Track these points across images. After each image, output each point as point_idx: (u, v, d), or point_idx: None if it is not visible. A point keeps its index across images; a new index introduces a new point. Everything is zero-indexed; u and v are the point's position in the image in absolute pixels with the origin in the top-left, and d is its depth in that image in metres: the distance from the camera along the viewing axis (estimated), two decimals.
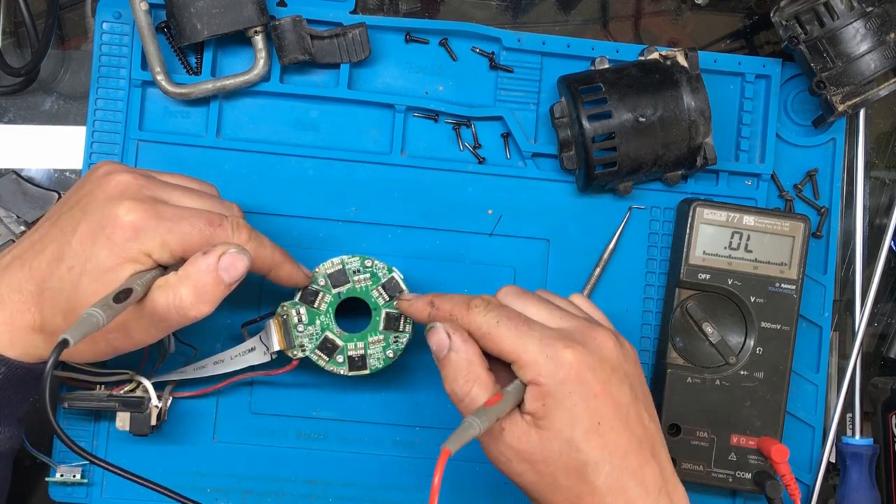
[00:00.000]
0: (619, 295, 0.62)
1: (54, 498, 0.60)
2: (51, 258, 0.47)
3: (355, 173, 0.62)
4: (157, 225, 0.46)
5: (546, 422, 0.45)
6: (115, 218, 0.46)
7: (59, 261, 0.46)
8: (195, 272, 0.46)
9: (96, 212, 0.46)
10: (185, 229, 0.47)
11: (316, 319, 0.55)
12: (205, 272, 0.45)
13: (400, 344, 0.56)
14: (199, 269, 0.46)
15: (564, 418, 0.45)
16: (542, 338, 0.46)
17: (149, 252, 0.46)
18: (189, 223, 0.47)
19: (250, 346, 0.57)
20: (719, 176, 0.63)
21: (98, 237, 0.46)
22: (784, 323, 0.59)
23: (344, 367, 0.56)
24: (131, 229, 0.46)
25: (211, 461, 0.61)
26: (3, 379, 0.47)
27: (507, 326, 0.46)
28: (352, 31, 0.60)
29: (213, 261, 0.46)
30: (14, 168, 0.62)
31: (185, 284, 0.45)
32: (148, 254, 0.46)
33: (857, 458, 0.62)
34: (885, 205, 0.66)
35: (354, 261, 0.55)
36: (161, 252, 0.46)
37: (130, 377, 0.57)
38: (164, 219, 0.46)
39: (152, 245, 0.46)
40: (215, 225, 0.47)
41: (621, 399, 0.46)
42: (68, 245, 0.46)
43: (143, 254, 0.46)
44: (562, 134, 0.60)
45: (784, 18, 0.59)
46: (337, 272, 0.55)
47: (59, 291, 0.46)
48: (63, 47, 0.63)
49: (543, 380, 0.45)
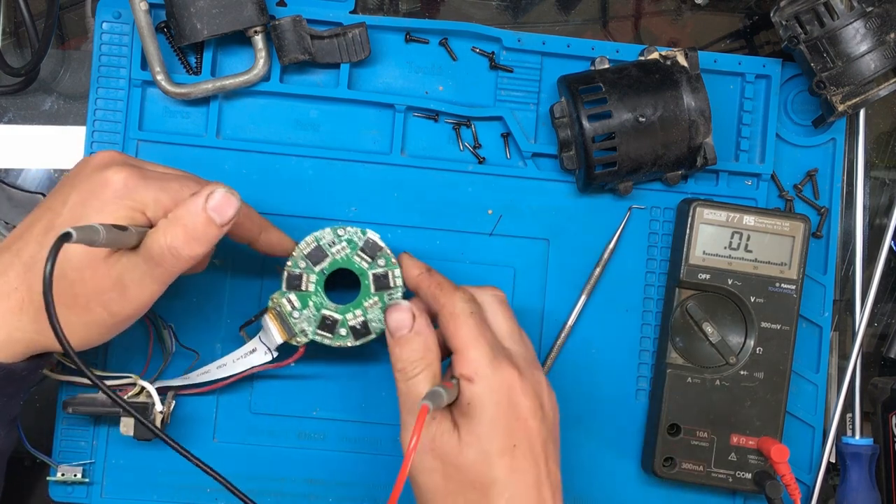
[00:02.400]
0: (619, 295, 0.62)
1: (54, 497, 0.60)
2: (39, 232, 0.46)
3: (355, 173, 0.62)
4: (149, 182, 0.46)
5: (468, 426, 0.46)
6: (105, 180, 0.46)
7: (49, 231, 0.46)
8: (185, 213, 0.45)
9: (85, 182, 0.46)
10: (176, 187, 0.47)
11: (308, 301, 0.55)
12: (195, 212, 0.45)
13: (396, 300, 0.56)
14: (189, 209, 0.45)
15: (485, 427, 0.46)
16: (493, 345, 0.48)
17: (142, 208, 0.46)
18: (179, 182, 0.47)
19: (251, 347, 0.57)
20: (719, 176, 0.63)
21: (89, 201, 0.46)
22: (784, 323, 0.59)
23: (349, 338, 0.55)
24: (122, 186, 0.46)
25: (211, 461, 0.60)
26: None
27: (476, 321, 0.48)
28: (352, 31, 0.60)
29: (202, 200, 0.45)
30: (14, 168, 0.62)
31: (175, 225, 0.45)
32: (141, 210, 0.46)
33: (857, 458, 0.62)
34: (885, 205, 0.66)
35: (326, 233, 0.55)
36: (154, 208, 0.46)
37: (134, 381, 0.57)
38: (153, 178, 0.47)
39: (145, 199, 0.46)
40: (204, 184, 0.47)
41: (540, 435, 0.47)
42: (58, 216, 0.46)
43: (135, 210, 0.46)
44: (562, 134, 0.60)
45: (784, 18, 0.59)
46: (314, 250, 0.55)
47: None
48: (63, 47, 0.63)
49: (477, 379, 0.46)
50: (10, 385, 0.48)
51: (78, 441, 0.60)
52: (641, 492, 0.62)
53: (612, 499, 0.62)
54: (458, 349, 0.47)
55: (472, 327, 0.48)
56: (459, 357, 0.47)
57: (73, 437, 0.60)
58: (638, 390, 0.63)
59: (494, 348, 0.48)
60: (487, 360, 0.47)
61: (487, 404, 0.46)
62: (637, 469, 0.62)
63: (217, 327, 0.60)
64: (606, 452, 0.62)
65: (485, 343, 0.47)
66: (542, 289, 0.62)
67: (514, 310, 0.62)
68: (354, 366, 0.61)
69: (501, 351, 0.48)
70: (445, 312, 0.49)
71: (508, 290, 0.62)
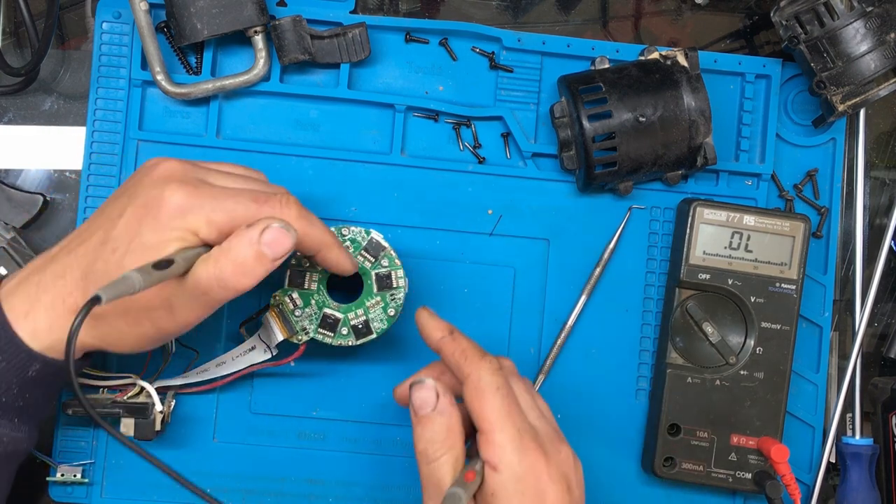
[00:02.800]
0: (619, 295, 0.62)
1: (54, 498, 0.60)
2: (96, 243, 0.47)
3: (355, 173, 0.62)
4: (203, 203, 0.46)
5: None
6: (161, 199, 0.46)
7: (105, 243, 0.46)
8: (237, 245, 0.45)
9: (142, 195, 0.47)
10: (230, 206, 0.46)
11: (310, 300, 0.55)
12: (246, 245, 0.45)
13: (398, 300, 0.56)
14: (242, 242, 0.45)
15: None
16: (520, 427, 0.45)
17: (195, 230, 0.46)
18: (234, 200, 0.47)
19: (250, 345, 0.57)
20: (719, 176, 0.63)
21: (144, 218, 0.46)
22: (784, 323, 0.59)
23: (350, 337, 0.56)
24: (176, 208, 0.46)
25: (211, 461, 0.61)
26: (37, 376, 0.48)
27: (503, 397, 0.46)
28: (352, 31, 0.60)
29: (256, 234, 0.45)
30: (14, 168, 0.62)
31: (226, 257, 0.45)
32: (194, 232, 0.46)
33: (857, 458, 0.62)
34: (885, 205, 0.66)
35: None
36: (208, 230, 0.46)
37: (134, 381, 0.57)
38: (208, 197, 0.46)
39: (198, 223, 0.46)
40: (261, 201, 0.47)
41: None
42: (114, 228, 0.47)
43: (188, 232, 0.46)
44: (562, 134, 0.60)
45: (784, 18, 0.59)
46: None
47: (104, 273, 0.46)
48: (63, 47, 0.63)
49: (502, 468, 0.44)
50: (57, 380, 0.49)
51: (78, 441, 0.60)
52: (641, 492, 0.62)
53: (612, 499, 0.62)
54: (484, 430, 0.45)
55: (498, 406, 0.45)
56: (485, 439, 0.45)
57: (73, 437, 0.60)
58: (638, 390, 0.63)
59: (521, 430, 0.45)
60: (514, 445, 0.45)
61: (513, 496, 0.44)
62: (637, 469, 0.62)
63: (217, 326, 0.60)
64: (606, 452, 0.62)
65: (511, 425, 0.45)
66: (542, 289, 0.62)
67: (514, 310, 0.62)
68: (355, 366, 0.61)
69: (528, 432, 0.46)
70: (471, 385, 0.46)
71: (508, 290, 0.62)
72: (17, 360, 0.47)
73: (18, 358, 0.47)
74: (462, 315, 0.62)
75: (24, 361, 0.47)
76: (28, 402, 0.49)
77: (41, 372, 0.48)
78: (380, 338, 0.56)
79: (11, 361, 0.47)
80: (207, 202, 0.46)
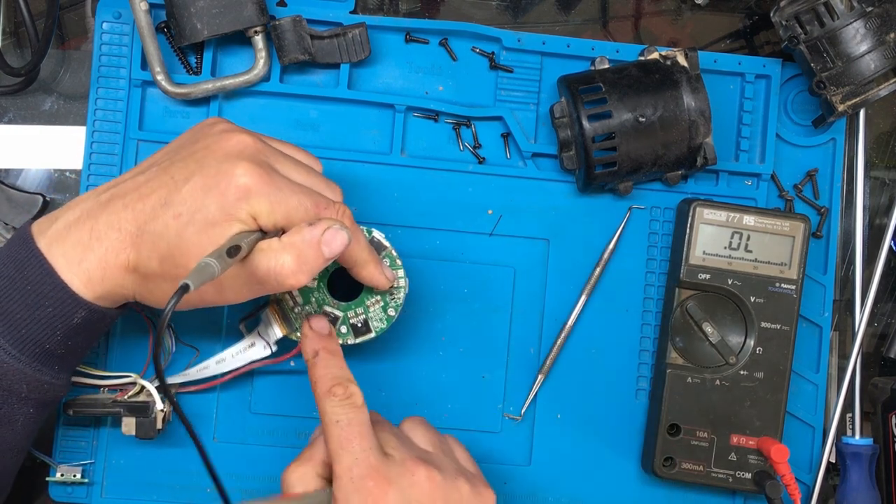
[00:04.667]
0: (619, 295, 0.63)
1: (54, 498, 0.60)
2: (156, 203, 0.47)
3: (355, 173, 0.62)
4: (270, 192, 0.46)
5: None
6: (231, 176, 0.46)
7: (166, 206, 0.46)
8: (300, 241, 0.46)
9: (213, 166, 0.47)
10: (294, 203, 0.47)
11: (310, 297, 0.55)
12: (309, 242, 0.46)
13: (398, 300, 0.56)
14: (305, 238, 0.46)
15: None
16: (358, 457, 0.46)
17: (256, 215, 0.46)
18: (298, 199, 0.47)
19: (250, 342, 0.57)
20: (719, 176, 0.63)
21: (211, 191, 0.46)
22: (784, 323, 0.59)
23: (349, 335, 0.56)
24: (244, 190, 0.46)
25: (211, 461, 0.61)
26: (82, 322, 0.48)
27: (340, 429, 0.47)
28: (352, 31, 0.60)
29: (319, 233, 0.46)
30: (14, 168, 0.62)
31: (288, 252, 0.46)
32: (255, 216, 0.46)
33: (857, 458, 0.62)
34: (885, 205, 0.66)
35: None
36: (267, 218, 0.46)
37: (134, 381, 0.57)
38: (276, 188, 0.47)
39: (260, 209, 0.46)
40: (321, 207, 0.48)
41: None
42: (178, 192, 0.46)
43: (250, 215, 0.46)
44: (562, 134, 0.60)
45: (784, 18, 0.59)
46: None
47: (161, 237, 0.46)
48: (63, 47, 0.63)
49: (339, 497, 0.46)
50: (100, 328, 0.50)
51: (78, 441, 0.60)
52: (641, 492, 0.62)
53: (612, 499, 0.62)
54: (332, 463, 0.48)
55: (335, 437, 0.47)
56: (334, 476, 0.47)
57: (74, 437, 0.60)
58: (638, 390, 0.63)
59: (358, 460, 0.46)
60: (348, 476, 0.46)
61: None
62: (637, 469, 0.62)
63: (218, 323, 0.60)
64: (606, 452, 0.62)
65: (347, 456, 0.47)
66: (542, 289, 0.62)
67: (514, 310, 0.62)
68: (354, 365, 0.61)
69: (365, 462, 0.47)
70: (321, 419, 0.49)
71: (508, 290, 0.62)
72: (64, 308, 0.47)
73: (65, 305, 0.47)
74: (462, 315, 0.62)
75: (70, 308, 0.47)
76: (69, 350, 0.49)
77: (86, 319, 0.48)
78: (378, 337, 0.56)
79: (58, 308, 0.47)
80: (274, 192, 0.47)
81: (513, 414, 0.62)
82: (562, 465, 0.62)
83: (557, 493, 0.62)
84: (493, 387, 0.62)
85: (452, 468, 0.49)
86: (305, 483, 0.48)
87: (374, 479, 0.46)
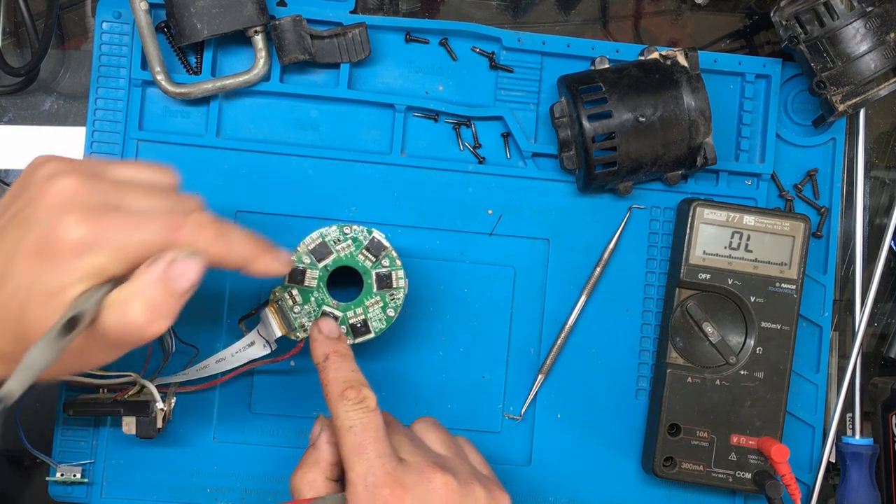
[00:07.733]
0: (619, 295, 0.63)
1: (54, 497, 0.60)
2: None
3: (355, 173, 0.62)
4: (109, 238, 0.40)
5: None
6: (61, 233, 0.40)
7: (3, 286, 0.41)
8: (144, 286, 0.40)
9: (39, 226, 0.41)
10: (141, 238, 0.41)
11: (310, 297, 0.55)
12: (154, 284, 0.40)
13: (397, 300, 0.56)
14: (148, 281, 0.40)
15: None
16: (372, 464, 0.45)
17: (101, 268, 0.40)
18: (146, 231, 0.41)
19: (249, 340, 0.57)
20: (719, 176, 0.63)
21: (43, 257, 0.40)
22: (784, 323, 0.59)
23: (349, 336, 0.56)
24: (79, 245, 0.40)
25: (211, 461, 0.61)
26: None
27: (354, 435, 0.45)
28: (352, 31, 0.60)
29: (160, 271, 0.40)
30: (14, 168, 0.62)
31: (135, 301, 0.40)
32: (100, 270, 0.40)
33: (857, 458, 0.62)
34: (885, 205, 0.66)
35: (332, 231, 0.55)
36: (116, 266, 0.41)
37: (134, 380, 0.57)
38: (116, 230, 0.41)
39: (104, 260, 0.40)
40: (174, 228, 0.42)
41: None
42: (11, 265, 0.41)
43: (94, 270, 0.40)
44: (562, 134, 0.60)
45: (784, 18, 0.59)
46: (318, 246, 0.55)
47: (6, 319, 0.41)
48: (63, 47, 0.63)
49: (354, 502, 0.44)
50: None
51: (78, 441, 0.60)
52: (641, 492, 0.62)
53: (612, 499, 0.62)
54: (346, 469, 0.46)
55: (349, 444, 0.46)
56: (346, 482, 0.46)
57: (73, 436, 0.60)
58: (638, 390, 0.63)
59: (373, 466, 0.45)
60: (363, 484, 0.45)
61: None
62: (637, 469, 0.62)
63: (218, 323, 0.60)
64: (606, 452, 0.62)
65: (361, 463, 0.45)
66: (542, 289, 0.62)
67: (514, 310, 0.62)
68: None
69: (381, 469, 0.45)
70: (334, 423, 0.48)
71: (508, 290, 0.62)
72: None
73: None
74: (462, 315, 0.62)
75: None
76: None
77: None
78: (378, 337, 0.56)
79: None
80: (114, 236, 0.41)
81: (513, 414, 0.62)
82: (562, 465, 0.62)
83: (557, 493, 0.62)
84: (493, 387, 0.62)
85: (467, 473, 0.48)
86: (316, 488, 0.47)
87: (389, 487, 0.44)
